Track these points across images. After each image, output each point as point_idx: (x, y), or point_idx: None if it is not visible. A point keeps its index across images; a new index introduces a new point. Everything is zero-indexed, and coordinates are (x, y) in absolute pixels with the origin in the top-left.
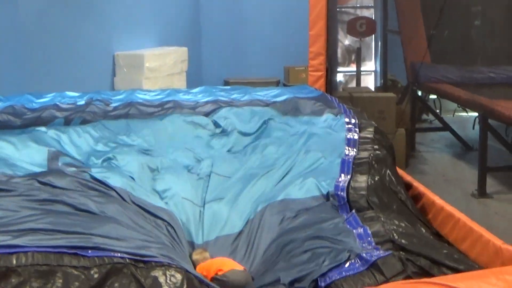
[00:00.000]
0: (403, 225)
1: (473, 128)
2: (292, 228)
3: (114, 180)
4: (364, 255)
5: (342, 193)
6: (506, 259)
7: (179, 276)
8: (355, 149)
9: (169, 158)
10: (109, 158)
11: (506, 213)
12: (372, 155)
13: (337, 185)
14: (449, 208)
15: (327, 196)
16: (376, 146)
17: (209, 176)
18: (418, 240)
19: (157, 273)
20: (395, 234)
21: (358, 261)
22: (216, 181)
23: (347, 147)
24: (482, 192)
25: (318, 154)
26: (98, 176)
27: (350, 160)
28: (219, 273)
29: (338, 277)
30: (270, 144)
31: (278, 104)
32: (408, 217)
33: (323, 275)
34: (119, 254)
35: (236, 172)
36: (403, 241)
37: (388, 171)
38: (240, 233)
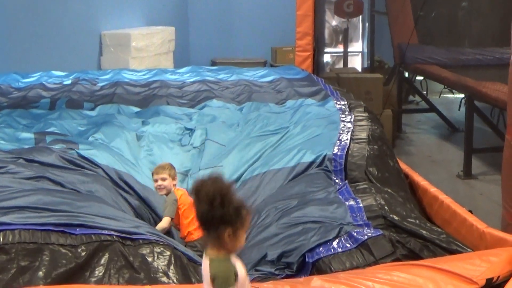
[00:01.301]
0: (397, 200)
1: (459, 109)
2: (285, 197)
3: (101, 158)
4: (354, 233)
5: (340, 159)
6: (489, 243)
7: (167, 253)
8: (350, 124)
9: (158, 132)
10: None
11: (491, 194)
12: (370, 129)
13: (335, 151)
14: (433, 190)
15: (322, 160)
16: (371, 123)
17: (204, 144)
18: (410, 218)
19: (145, 250)
20: (387, 209)
21: (348, 239)
22: (212, 149)
23: (343, 123)
24: (467, 173)
25: (314, 126)
26: (85, 153)
27: (348, 131)
28: None
29: (326, 253)
30: (264, 117)
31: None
32: (403, 193)
33: (311, 250)
34: (106, 232)
35: (231, 141)
36: (395, 217)
37: (385, 146)
38: None
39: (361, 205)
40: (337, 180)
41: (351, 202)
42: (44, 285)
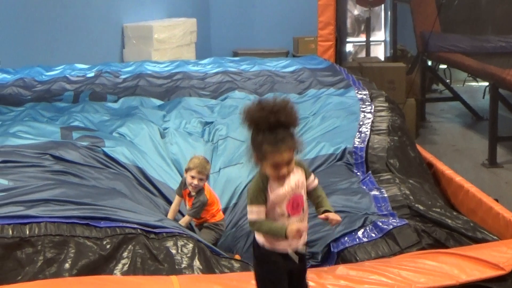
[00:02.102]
0: (421, 190)
1: (483, 97)
2: None
3: (126, 156)
4: (379, 223)
5: (360, 152)
6: None
7: (190, 246)
8: (371, 115)
9: (180, 127)
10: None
11: None
12: (390, 120)
13: (356, 143)
14: (458, 179)
15: (343, 153)
16: (391, 114)
17: (224, 140)
18: (435, 207)
19: (169, 243)
20: (412, 199)
21: (373, 228)
22: (232, 146)
23: (363, 113)
24: (492, 161)
25: (333, 116)
26: (110, 152)
27: (368, 122)
28: None
29: (351, 243)
30: None
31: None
32: (427, 183)
33: (336, 240)
34: (130, 225)
35: None
36: (420, 207)
37: (405, 136)
38: None
39: (385, 195)
40: (358, 173)
41: (375, 192)
42: (70, 276)
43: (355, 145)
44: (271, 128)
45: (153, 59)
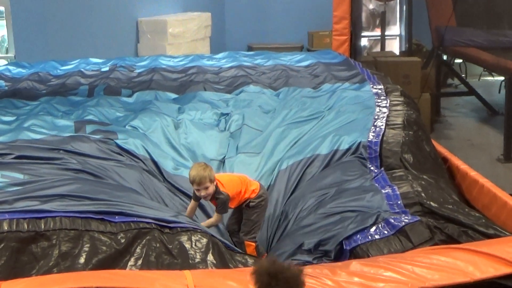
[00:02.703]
0: (434, 186)
1: (499, 92)
2: (321, 186)
3: (139, 148)
4: (391, 220)
5: (375, 146)
6: None
7: (204, 241)
8: (386, 109)
9: (195, 118)
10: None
11: None
12: (405, 114)
13: (370, 138)
14: (473, 174)
15: (358, 147)
16: (407, 108)
17: (240, 128)
18: (447, 204)
19: (183, 238)
20: (424, 196)
21: (385, 225)
22: (248, 134)
23: (378, 108)
24: (508, 156)
25: (348, 111)
26: (123, 144)
27: (384, 116)
28: None
29: (364, 241)
30: (300, 102)
31: None
32: (441, 178)
33: (348, 238)
34: (144, 220)
35: (267, 126)
36: (432, 203)
37: (421, 131)
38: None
39: (397, 192)
40: (372, 168)
41: (387, 190)
42: (84, 270)
43: (369, 139)
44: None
45: (168, 53)
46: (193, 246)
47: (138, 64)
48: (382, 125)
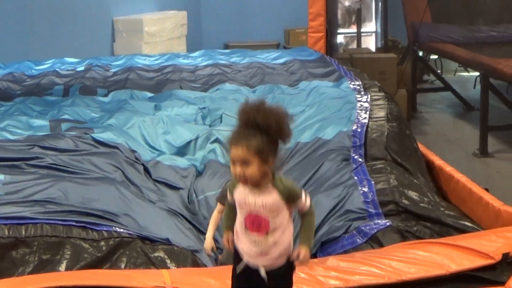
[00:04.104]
0: (413, 181)
1: (474, 87)
2: (299, 177)
3: (116, 139)
4: (363, 228)
5: (359, 136)
6: (505, 220)
7: (186, 255)
8: (367, 104)
9: (173, 114)
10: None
11: (507, 172)
12: (388, 108)
13: (354, 128)
14: (449, 169)
15: (341, 136)
16: (388, 102)
17: (221, 118)
18: (423, 203)
19: (164, 251)
20: (400, 193)
21: (357, 234)
22: (228, 125)
23: (359, 103)
24: (483, 151)
25: (330, 105)
26: (99, 137)
27: (366, 110)
28: None
29: (337, 251)
30: (278, 99)
31: None
32: (421, 173)
33: (321, 247)
34: (126, 231)
35: None
36: (407, 202)
37: (403, 124)
38: None
39: (373, 189)
40: (356, 156)
41: (365, 187)
42: None
43: (354, 129)
44: (247, 124)
45: (144, 52)
46: (176, 257)
47: (113, 63)
48: (366, 118)
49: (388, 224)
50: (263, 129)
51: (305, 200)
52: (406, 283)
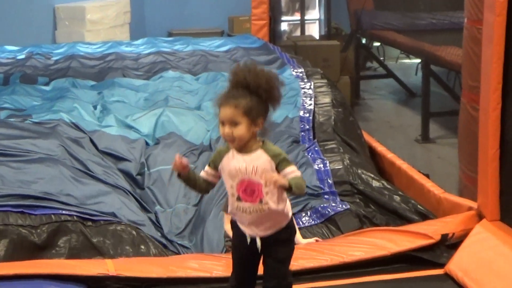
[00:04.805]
0: (364, 163)
1: (416, 74)
2: None
3: (55, 116)
4: (320, 208)
5: (307, 121)
6: (446, 208)
7: (129, 234)
8: (311, 91)
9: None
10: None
11: (448, 157)
12: (332, 94)
13: (301, 114)
14: (390, 155)
15: (289, 121)
16: (331, 89)
17: (166, 99)
18: (376, 184)
19: (107, 231)
20: (354, 174)
21: (313, 214)
22: (173, 103)
23: (303, 90)
24: (425, 137)
25: None
26: (39, 119)
27: (311, 97)
28: None
29: None
30: (221, 87)
31: None
32: (365, 157)
33: None
34: (66, 212)
35: (192, 102)
36: (360, 183)
37: (347, 111)
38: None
39: (328, 167)
40: (306, 138)
41: (319, 165)
42: None
43: (301, 115)
44: (237, 85)
45: (86, 40)
46: (118, 241)
47: (55, 51)
48: (312, 104)
49: (346, 207)
50: (253, 90)
51: (295, 168)
52: (349, 265)
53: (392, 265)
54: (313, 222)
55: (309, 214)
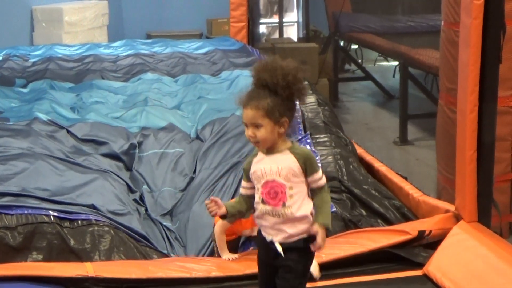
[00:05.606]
0: (353, 159)
1: (394, 76)
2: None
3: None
4: None
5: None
6: (425, 210)
7: (108, 237)
8: None
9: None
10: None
11: (426, 159)
12: (315, 94)
13: None
14: (369, 158)
15: None
16: (312, 90)
17: (145, 100)
18: (365, 184)
19: (85, 233)
20: (344, 171)
21: None
22: (153, 108)
23: None
24: (403, 139)
25: None
26: (14, 121)
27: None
28: None
29: None
30: (200, 89)
31: None
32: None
33: None
34: (43, 212)
35: (172, 103)
36: (349, 182)
37: (332, 112)
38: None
39: (319, 161)
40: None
41: None
42: None
43: None
44: (257, 84)
45: (64, 42)
46: (96, 242)
47: (32, 53)
48: (296, 104)
49: (332, 210)
50: (271, 88)
51: (322, 175)
52: (327, 264)
53: (370, 265)
54: None
55: None
